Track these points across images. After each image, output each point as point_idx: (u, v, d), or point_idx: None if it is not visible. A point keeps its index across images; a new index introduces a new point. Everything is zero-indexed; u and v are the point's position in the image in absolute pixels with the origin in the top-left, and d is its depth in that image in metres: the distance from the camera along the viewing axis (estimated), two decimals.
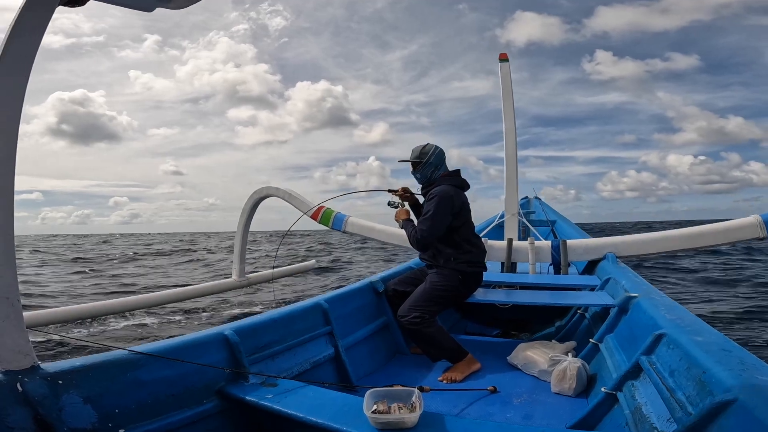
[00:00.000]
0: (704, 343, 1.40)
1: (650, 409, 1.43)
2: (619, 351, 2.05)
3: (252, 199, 5.32)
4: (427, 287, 2.62)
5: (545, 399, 2.15)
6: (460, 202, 2.68)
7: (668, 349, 1.53)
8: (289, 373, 2.07)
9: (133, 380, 1.52)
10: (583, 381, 2.15)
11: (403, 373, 2.60)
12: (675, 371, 1.39)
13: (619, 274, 2.97)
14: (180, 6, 1.38)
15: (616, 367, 1.92)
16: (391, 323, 2.99)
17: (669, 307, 1.98)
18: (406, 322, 2.51)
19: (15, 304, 1.28)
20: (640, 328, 1.94)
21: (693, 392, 1.23)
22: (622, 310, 2.30)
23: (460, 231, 2.69)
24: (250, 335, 1.96)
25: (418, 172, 2.78)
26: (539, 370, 2.38)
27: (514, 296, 3.11)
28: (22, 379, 1.27)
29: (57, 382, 1.34)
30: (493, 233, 4.71)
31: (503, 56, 5.25)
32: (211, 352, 1.79)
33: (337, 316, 2.51)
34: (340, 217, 4.82)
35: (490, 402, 2.12)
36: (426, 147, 2.77)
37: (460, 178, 2.79)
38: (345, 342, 2.51)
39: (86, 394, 1.38)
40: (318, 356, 2.29)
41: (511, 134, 5.01)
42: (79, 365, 1.42)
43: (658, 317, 1.82)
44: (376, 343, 2.84)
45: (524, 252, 3.98)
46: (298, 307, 2.37)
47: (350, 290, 2.86)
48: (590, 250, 3.89)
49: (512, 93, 5.13)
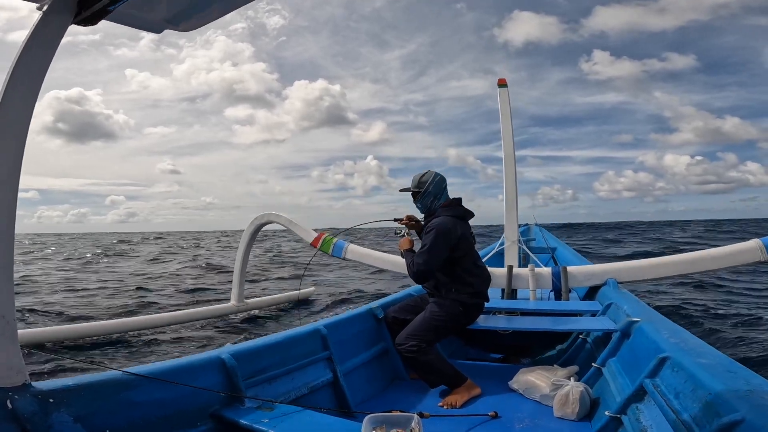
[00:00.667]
0: (709, 365, 1.39)
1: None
2: (623, 375, 2.03)
3: (253, 225, 5.35)
4: (426, 316, 2.59)
5: (547, 423, 2.11)
6: (458, 234, 2.62)
7: (672, 371, 1.52)
8: (286, 397, 2.04)
9: (126, 401, 1.50)
10: (586, 405, 2.11)
11: (402, 398, 2.56)
12: (680, 393, 1.38)
13: (620, 299, 2.95)
14: (188, 29, 1.43)
15: (620, 391, 1.90)
16: (390, 349, 2.96)
17: (672, 330, 1.97)
18: (403, 350, 2.49)
19: (10, 321, 1.28)
20: (643, 351, 1.92)
21: (699, 414, 1.21)
22: (625, 334, 2.28)
23: (460, 263, 2.66)
24: (248, 359, 1.95)
25: (418, 202, 2.77)
26: (541, 395, 2.33)
27: (516, 322, 3.09)
28: (13, 396, 1.26)
29: (48, 401, 1.32)
30: (493, 260, 4.70)
31: (502, 82, 5.35)
32: (206, 375, 1.77)
33: (336, 342, 2.49)
34: (340, 245, 4.83)
35: (491, 427, 2.08)
36: (424, 176, 2.74)
37: (461, 208, 2.76)
38: (343, 367, 2.48)
39: (77, 413, 1.37)
40: (316, 381, 2.26)
41: (510, 160, 5.05)
42: (71, 384, 1.41)
43: (660, 341, 1.81)
44: (375, 368, 2.80)
45: (525, 279, 3.96)
46: (296, 332, 2.35)
47: (350, 316, 2.85)
48: (591, 276, 3.87)
49: (511, 119, 5.20)
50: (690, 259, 3.57)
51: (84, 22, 1.31)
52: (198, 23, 1.38)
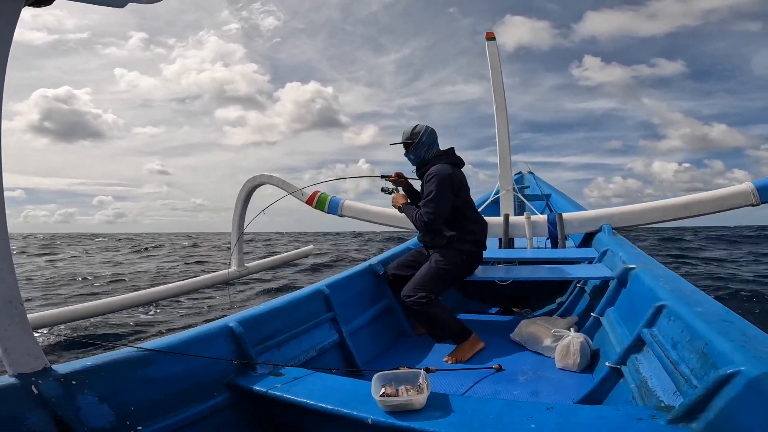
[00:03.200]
0: (705, 314, 1.40)
1: (655, 383, 1.45)
2: (621, 324, 2.07)
3: (246, 187, 5.27)
4: (432, 266, 2.59)
5: (550, 375, 2.17)
6: (459, 180, 2.63)
7: (669, 320, 1.54)
8: (296, 361, 2.08)
9: (144, 377, 1.52)
10: (587, 356, 2.17)
11: (408, 355, 2.62)
12: (677, 343, 1.41)
13: (616, 245, 2.99)
14: (151, 0, 1.33)
15: (619, 341, 1.94)
16: (393, 306, 3.01)
17: (667, 278, 1.98)
18: (411, 302, 2.48)
19: (18, 307, 1.27)
20: (639, 300, 1.95)
21: (696, 365, 1.24)
22: (621, 282, 2.31)
23: (462, 210, 2.66)
24: (255, 326, 1.96)
25: (411, 153, 2.73)
26: (543, 347, 2.40)
27: (514, 272, 3.12)
28: (36, 381, 1.28)
29: (71, 383, 1.34)
30: (488, 209, 4.72)
31: (490, 35, 5.19)
32: (217, 345, 1.79)
33: (339, 302, 2.52)
34: (336, 201, 4.80)
35: (496, 380, 2.14)
36: (417, 127, 2.72)
37: (455, 156, 2.74)
38: (349, 327, 2.52)
39: (100, 393, 1.39)
40: (323, 343, 2.30)
41: (501, 111, 4.98)
42: (90, 365, 1.42)
43: (657, 288, 1.82)
44: (380, 326, 2.85)
45: (521, 227, 4.00)
46: (299, 294, 2.36)
47: (350, 274, 2.86)
48: (586, 222, 3.91)
49: (501, 70, 5.08)
50: (682, 203, 3.60)
51: (38, 3, 1.21)
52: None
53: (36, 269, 13.58)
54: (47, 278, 11.01)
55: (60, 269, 13.52)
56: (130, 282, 9.66)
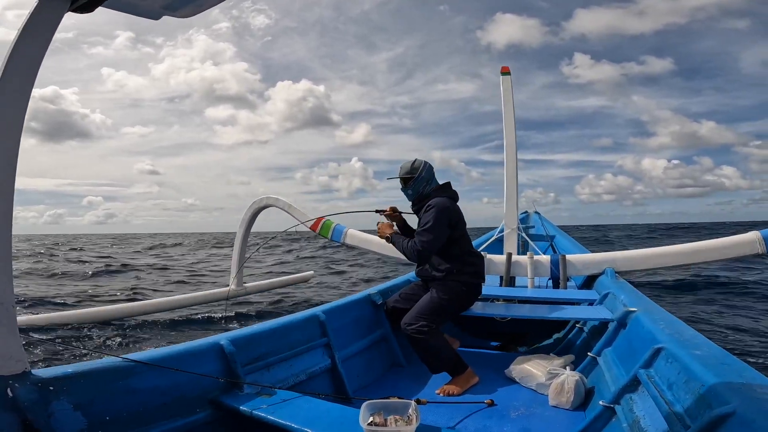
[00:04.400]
0: (703, 357, 1.40)
1: (648, 423, 1.42)
2: (618, 365, 2.04)
3: (251, 209, 5.33)
4: (433, 297, 2.58)
5: (543, 412, 2.13)
6: (457, 214, 2.66)
7: (667, 362, 1.53)
8: (285, 383, 2.05)
9: (125, 388, 1.51)
10: (581, 394, 2.13)
11: (400, 385, 2.58)
12: (673, 384, 1.39)
13: (617, 289, 2.96)
14: (186, 15, 1.40)
15: (614, 381, 1.91)
16: (389, 336, 2.97)
17: (668, 321, 1.97)
18: (413, 330, 2.44)
19: (9, 309, 1.28)
20: (638, 342, 1.93)
21: (692, 405, 1.22)
22: (621, 324, 2.29)
23: (459, 243, 2.68)
24: (246, 345, 1.95)
25: (410, 188, 2.74)
26: (537, 383, 2.36)
27: (513, 310, 3.10)
28: (13, 384, 1.27)
29: (48, 388, 1.33)
30: (492, 247, 4.71)
31: (505, 69, 5.28)
32: (205, 362, 1.78)
33: (334, 328, 2.50)
34: (340, 229, 4.82)
35: (487, 415, 2.10)
36: (415, 162, 2.75)
37: (452, 190, 2.77)
38: (342, 354, 2.49)
39: (77, 400, 1.37)
40: (314, 367, 2.28)
41: (511, 148, 5.03)
42: (71, 372, 1.41)
43: (656, 331, 1.81)
44: (373, 355, 2.82)
45: (523, 266, 3.98)
46: (294, 318, 2.36)
47: (348, 302, 2.85)
48: (589, 265, 3.88)
49: (513, 107, 5.15)
50: (688, 250, 3.58)
51: (80, 10, 1.29)
52: (196, 9, 1.36)
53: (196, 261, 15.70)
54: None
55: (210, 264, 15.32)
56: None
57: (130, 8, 1.33)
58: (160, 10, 1.36)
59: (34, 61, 1.25)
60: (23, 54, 1.22)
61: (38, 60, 1.26)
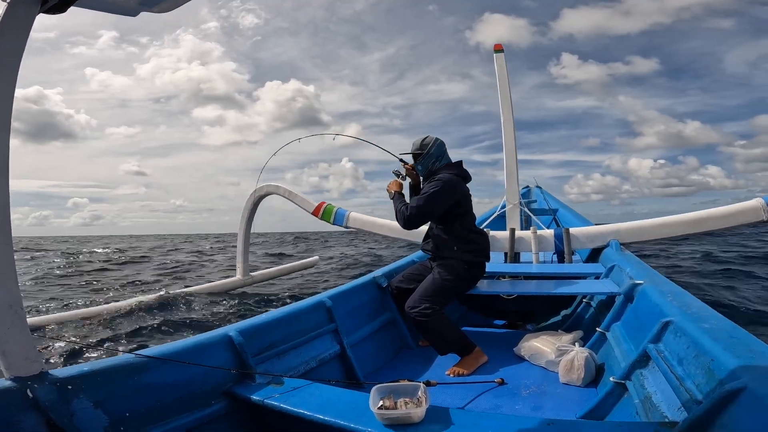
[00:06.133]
0: (712, 330, 1.38)
1: (660, 398, 1.42)
2: (627, 340, 2.04)
3: (252, 197, 5.32)
4: (435, 278, 2.59)
5: (554, 390, 2.14)
6: (462, 191, 2.67)
7: (675, 336, 1.52)
8: (296, 371, 2.07)
9: (141, 384, 1.52)
10: (591, 371, 2.14)
11: (410, 367, 2.60)
12: (683, 359, 1.38)
13: (623, 261, 2.95)
14: (164, 9, 1.35)
15: (624, 356, 1.91)
16: (396, 318, 2.98)
17: (675, 294, 1.96)
18: (416, 313, 2.45)
19: (18, 311, 1.28)
20: (646, 315, 1.92)
21: (702, 380, 1.22)
22: (628, 297, 2.28)
23: (462, 220, 2.67)
24: (255, 335, 1.96)
25: (419, 164, 2.75)
26: (546, 361, 2.36)
27: (519, 286, 3.09)
28: (32, 385, 1.29)
29: (66, 388, 1.34)
30: (495, 224, 4.69)
31: (498, 47, 5.21)
32: (216, 354, 1.79)
33: (341, 313, 2.50)
34: (342, 213, 4.81)
35: (497, 394, 2.11)
36: (426, 139, 2.75)
37: (463, 169, 2.77)
38: (350, 339, 2.50)
39: (96, 398, 1.39)
40: (324, 354, 2.29)
41: (509, 124, 4.98)
42: (87, 370, 1.42)
43: (664, 304, 1.80)
44: (382, 338, 2.83)
45: (527, 242, 3.97)
46: (301, 305, 2.36)
47: (353, 286, 2.84)
48: (593, 237, 3.87)
49: (509, 83, 5.09)
50: (692, 219, 3.56)
51: (52, 10, 1.24)
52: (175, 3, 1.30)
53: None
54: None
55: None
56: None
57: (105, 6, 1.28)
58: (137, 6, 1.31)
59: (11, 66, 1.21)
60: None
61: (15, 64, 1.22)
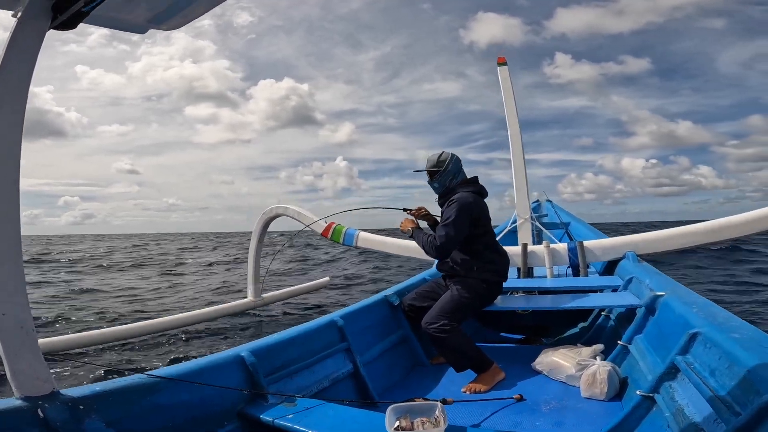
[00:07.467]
0: (743, 340, 1.35)
1: (693, 411, 1.37)
2: (651, 352, 1.98)
3: (262, 219, 5.35)
4: (454, 295, 2.54)
5: (576, 405, 2.07)
6: (480, 210, 2.62)
7: (705, 348, 1.48)
8: (309, 391, 2.04)
9: (153, 404, 1.51)
10: (615, 384, 2.07)
11: (425, 385, 2.54)
12: (715, 371, 1.34)
13: (642, 273, 2.89)
14: (173, 27, 1.37)
15: (650, 369, 1.86)
16: (409, 336, 2.93)
17: (700, 304, 1.91)
18: (434, 329, 2.41)
19: (29, 332, 1.28)
20: (671, 327, 1.88)
21: (738, 391, 1.17)
22: (650, 309, 2.22)
23: (482, 239, 2.64)
24: (267, 355, 1.95)
25: (436, 182, 2.72)
26: (567, 375, 2.29)
27: (535, 301, 3.04)
28: (43, 405, 1.28)
29: (78, 408, 1.33)
30: (506, 239, 4.64)
31: (501, 60, 5.23)
32: (228, 374, 1.77)
33: (353, 332, 2.47)
34: (351, 233, 4.78)
35: (517, 411, 2.04)
36: (442, 155, 2.71)
37: (479, 185, 2.73)
38: (363, 357, 2.47)
39: (108, 419, 1.38)
40: (337, 373, 2.26)
41: (517, 138, 4.96)
42: (98, 390, 1.42)
43: (689, 315, 1.76)
44: (395, 356, 2.78)
45: (540, 256, 3.90)
46: (312, 325, 2.34)
47: (364, 305, 2.82)
48: (609, 250, 3.80)
49: (514, 97, 5.09)
50: (711, 228, 3.48)
51: (62, 27, 1.26)
52: (183, 20, 1.33)
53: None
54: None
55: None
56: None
57: (115, 23, 1.30)
58: (146, 23, 1.33)
59: (22, 83, 1.23)
60: (10, 78, 1.21)
61: (26, 81, 1.24)
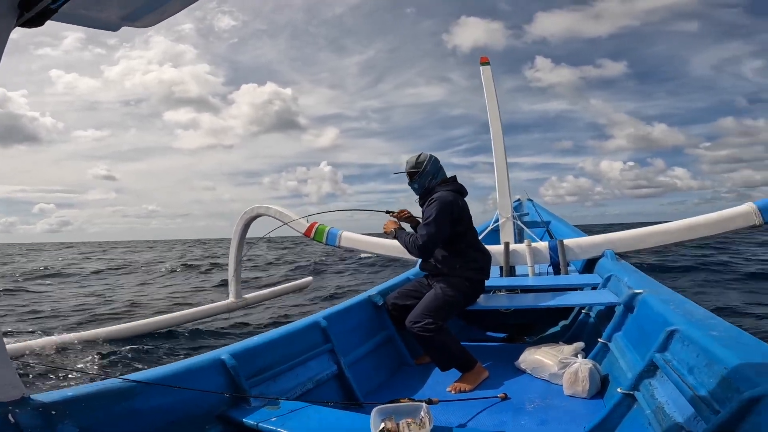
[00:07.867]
0: (721, 338, 1.37)
1: (673, 408, 1.39)
2: (631, 350, 2.01)
3: (243, 219, 5.27)
4: (438, 293, 2.55)
5: (559, 403, 2.09)
6: (460, 208, 2.63)
7: (683, 345, 1.50)
8: (292, 393, 2.01)
9: (130, 409, 1.47)
10: (596, 382, 2.10)
11: (410, 385, 2.53)
12: (694, 368, 1.36)
13: (620, 271, 2.94)
14: (147, 24, 1.33)
15: (630, 367, 1.88)
16: (394, 336, 2.93)
17: (677, 302, 1.95)
18: (419, 328, 2.40)
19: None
20: (649, 324, 1.90)
21: (717, 389, 1.19)
22: (628, 307, 2.26)
23: (464, 237, 2.65)
24: (248, 358, 1.91)
25: (415, 182, 2.73)
26: (549, 374, 2.32)
27: (517, 300, 3.06)
28: (13, 410, 1.23)
29: (50, 413, 1.29)
30: (488, 238, 4.68)
31: (484, 60, 5.26)
32: (208, 377, 1.73)
33: (337, 333, 2.45)
34: (334, 232, 4.76)
35: (502, 410, 2.05)
36: (420, 156, 2.72)
37: (458, 184, 2.75)
38: (347, 359, 2.44)
39: (81, 424, 1.33)
40: (320, 374, 2.23)
41: (499, 138, 5.01)
42: (71, 395, 1.37)
43: (667, 313, 1.79)
44: (380, 357, 2.77)
45: (522, 255, 3.95)
46: (295, 326, 2.31)
47: (348, 306, 2.80)
48: (588, 248, 3.86)
49: (496, 96, 5.13)
50: (686, 226, 3.57)
51: (28, 24, 1.21)
52: (157, 18, 1.28)
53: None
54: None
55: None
56: None
57: (86, 21, 1.24)
58: (119, 21, 1.27)
59: None
60: None
61: None
